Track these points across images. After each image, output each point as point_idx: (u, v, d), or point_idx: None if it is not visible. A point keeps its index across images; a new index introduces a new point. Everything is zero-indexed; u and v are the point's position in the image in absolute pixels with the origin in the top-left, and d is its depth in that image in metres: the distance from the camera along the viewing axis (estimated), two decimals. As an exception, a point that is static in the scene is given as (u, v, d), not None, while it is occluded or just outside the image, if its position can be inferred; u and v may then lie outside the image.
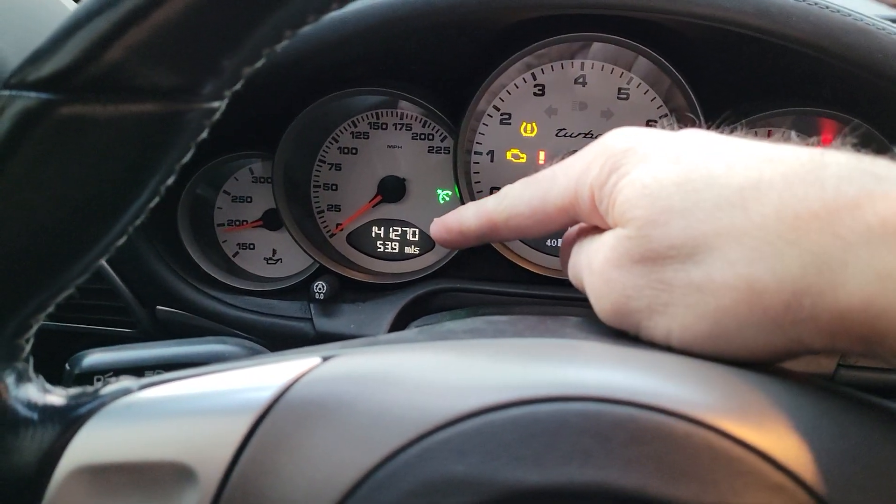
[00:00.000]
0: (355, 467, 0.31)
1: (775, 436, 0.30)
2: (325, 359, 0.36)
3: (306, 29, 0.33)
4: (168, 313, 0.88)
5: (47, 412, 0.35)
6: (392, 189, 0.91)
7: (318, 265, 0.89)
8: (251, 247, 0.96)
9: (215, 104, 0.34)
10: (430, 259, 0.93)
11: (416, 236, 0.94)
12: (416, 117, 0.91)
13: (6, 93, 0.31)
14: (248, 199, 0.94)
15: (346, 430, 0.32)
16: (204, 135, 0.34)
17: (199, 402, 0.35)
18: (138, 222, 0.35)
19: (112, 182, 0.33)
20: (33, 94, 0.30)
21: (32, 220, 0.32)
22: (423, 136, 0.91)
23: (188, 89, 0.32)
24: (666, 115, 0.86)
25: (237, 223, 0.95)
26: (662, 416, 0.30)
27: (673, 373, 0.33)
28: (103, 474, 0.34)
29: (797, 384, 0.34)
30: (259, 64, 0.34)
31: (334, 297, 0.87)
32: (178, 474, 0.33)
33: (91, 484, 0.34)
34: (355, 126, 0.92)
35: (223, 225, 0.96)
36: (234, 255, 0.96)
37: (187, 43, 0.31)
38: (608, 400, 0.30)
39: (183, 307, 0.88)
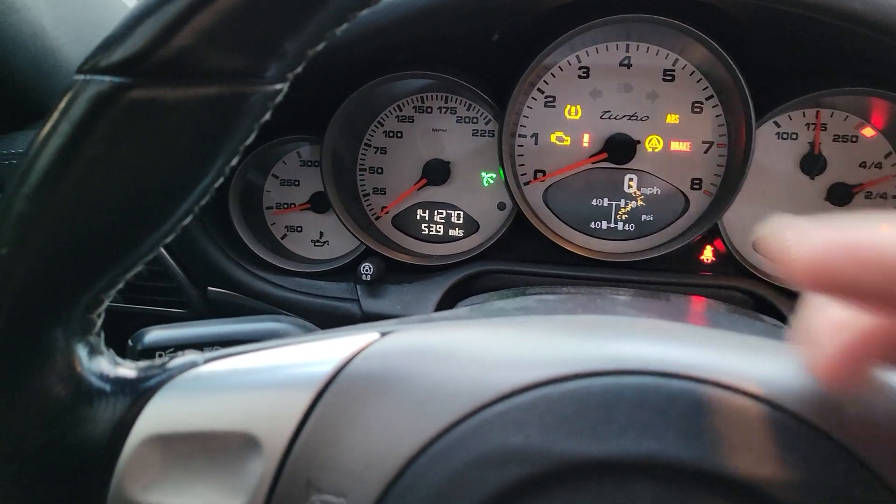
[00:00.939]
0: (414, 439, 0.32)
1: (830, 410, 0.30)
2: (383, 334, 0.37)
3: (356, 13, 0.34)
4: (219, 294, 0.90)
5: (119, 384, 0.37)
6: (437, 172, 0.92)
7: (364, 247, 0.91)
8: (299, 229, 0.98)
9: (279, 86, 0.35)
10: (474, 241, 0.94)
11: (461, 219, 0.94)
12: (461, 101, 0.91)
13: (80, 77, 0.32)
14: (296, 183, 0.96)
15: (405, 403, 0.33)
16: (267, 116, 0.35)
17: (263, 375, 0.36)
18: (204, 202, 0.36)
19: (180, 162, 0.34)
20: (106, 79, 0.31)
21: (106, 199, 0.33)
22: (467, 120, 0.92)
23: (253, 72, 0.33)
24: (712, 97, 0.85)
25: (285, 206, 0.97)
26: (719, 389, 0.30)
27: (728, 348, 0.34)
28: (173, 443, 0.35)
29: None
30: (320, 46, 0.34)
31: (380, 278, 0.88)
32: (244, 444, 0.34)
33: (161, 452, 0.35)
34: (400, 110, 0.93)
35: (272, 208, 0.98)
36: (282, 238, 0.98)
37: (252, 27, 0.32)
38: (665, 374, 0.31)
39: (233, 288, 0.90)
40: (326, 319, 0.88)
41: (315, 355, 0.36)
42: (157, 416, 0.36)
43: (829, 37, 0.71)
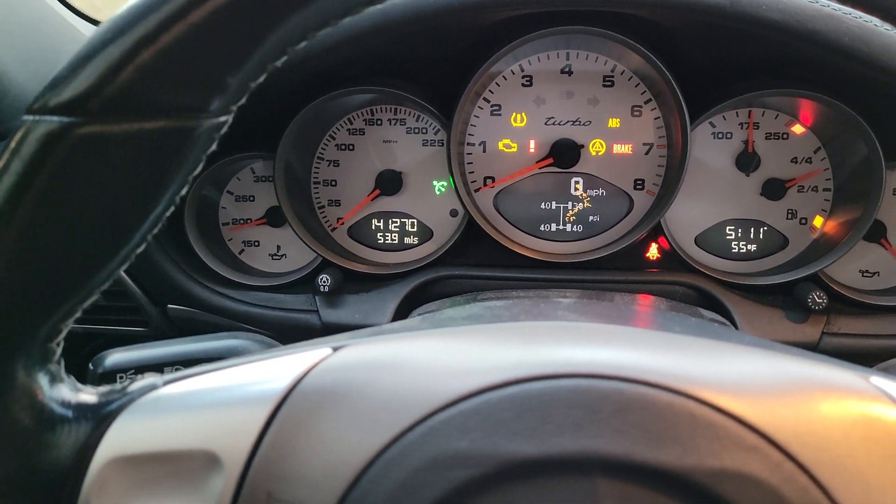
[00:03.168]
0: (367, 447, 0.33)
1: (750, 402, 0.33)
2: (335, 349, 0.38)
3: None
4: (179, 311, 0.91)
5: (80, 410, 0.38)
6: (389, 182, 0.94)
7: (321, 259, 0.92)
8: (256, 244, 0.99)
9: (223, 118, 0.36)
10: (429, 248, 0.96)
11: (415, 227, 0.96)
12: (410, 112, 0.93)
13: (29, 118, 0.33)
14: (251, 198, 0.97)
15: (357, 414, 0.34)
16: (214, 147, 0.37)
17: (220, 394, 0.38)
18: (156, 230, 0.37)
19: (130, 194, 0.35)
20: (55, 119, 0.32)
21: (60, 233, 0.34)
22: (416, 130, 0.94)
23: (197, 106, 0.35)
24: (650, 101, 0.88)
25: (241, 221, 0.98)
26: (646, 387, 0.33)
27: (655, 347, 0.36)
28: (136, 464, 0.36)
29: (770, 353, 0.37)
30: (262, 78, 0.36)
31: (338, 288, 0.89)
32: (204, 461, 0.35)
33: (125, 473, 0.36)
34: (351, 123, 0.94)
35: (228, 224, 0.98)
36: (239, 253, 0.99)
37: (194, 63, 0.33)
38: (596, 375, 0.33)
39: (193, 304, 0.90)
40: (286, 331, 0.89)
41: (270, 373, 0.38)
42: (119, 439, 0.37)
43: (754, 43, 0.75)
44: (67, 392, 0.38)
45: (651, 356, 0.35)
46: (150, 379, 0.40)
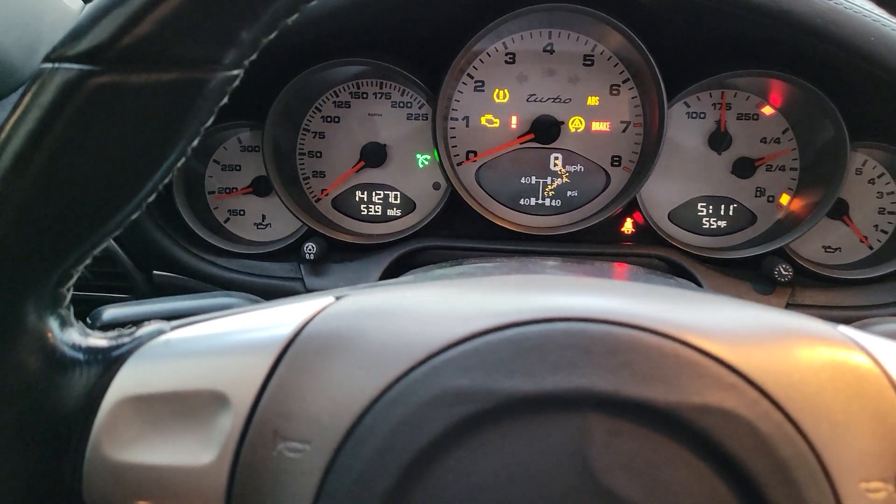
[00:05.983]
0: (371, 387, 0.35)
1: (730, 345, 0.35)
2: (338, 298, 0.40)
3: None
4: (164, 277, 0.91)
5: (91, 352, 0.39)
6: (374, 154, 0.95)
7: (306, 228, 0.93)
8: (241, 213, 1.00)
9: (236, 72, 0.37)
10: (412, 220, 0.98)
11: (398, 199, 0.98)
12: (395, 86, 0.95)
13: (48, 66, 0.34)
14: (238, 168, 0.98)
15: (362, 355, 0.36)
16: (225, 100, 0.38)
17: (228, 338, 0.39)
18: (167, 181, 0.39)
19: (144, 142, 0.36)
20: (74, 66, 0.33)
21: (75, 179, 0.35)
22: (401, 104, 0.95)
23: (211, 59, 0.36)
24: (628, 80, 0.91)
25: (227, 191, 0.99)
26: (635, 331, 0.35)
27: (643, 296, 0.38)
28: (145, 403, 0.38)
29: (749, 305, 0.39)
30: (274, 35, 0.37)
31: (323, 257, 0.91)
32: (212, 400, 0.37)
33: (135, 412, 0.38)
34: (337, 96, 0.95)
35: (214, 192, 0.99)
36: (225, 221, 1.00)
37: (211, 17, 0.34)
38: (589, 319, 0.35)
39: (179, 271, 0.91)
40: (272, 298, 0.89)
41: (277, 318, 0.39)
42: (129, 380, 0.38)
43: (729, 23, 0.78)
44: (77, 336, 0.39)
45: (640, 304, 0.37)
46: (157, 324, 0.41)
